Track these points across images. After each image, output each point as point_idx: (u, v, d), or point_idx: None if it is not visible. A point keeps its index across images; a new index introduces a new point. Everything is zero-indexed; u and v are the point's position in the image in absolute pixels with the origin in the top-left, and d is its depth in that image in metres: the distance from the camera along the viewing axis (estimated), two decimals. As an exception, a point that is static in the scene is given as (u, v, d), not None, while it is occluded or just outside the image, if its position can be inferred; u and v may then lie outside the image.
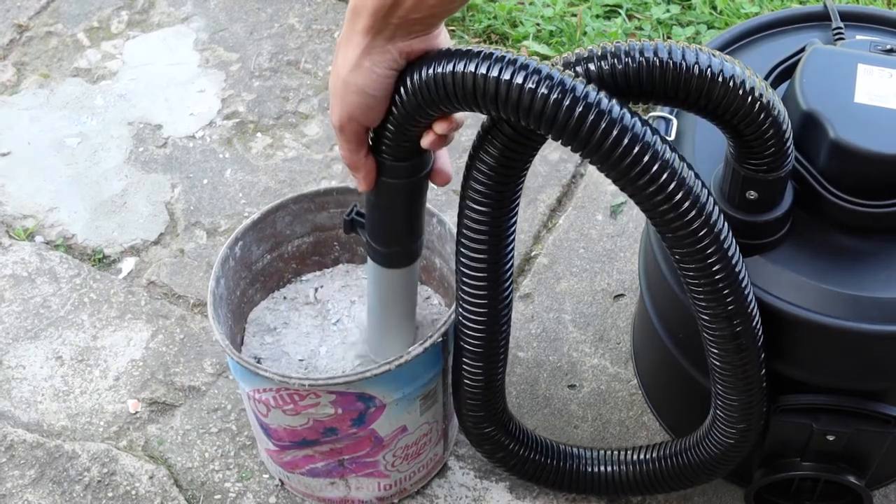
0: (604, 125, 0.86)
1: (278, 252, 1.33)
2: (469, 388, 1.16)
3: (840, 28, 1.15)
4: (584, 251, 1.59)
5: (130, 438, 1.42)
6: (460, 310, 1.09)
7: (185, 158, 1.72)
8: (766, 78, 1.09)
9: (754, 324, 1.01)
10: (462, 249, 1.05)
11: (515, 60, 0.86)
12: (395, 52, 0.90)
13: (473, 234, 1.03)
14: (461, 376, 1.15)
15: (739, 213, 1.01)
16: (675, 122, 1.12)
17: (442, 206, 1.62)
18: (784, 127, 0.92)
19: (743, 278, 0.98)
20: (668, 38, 1.84)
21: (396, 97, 0.93)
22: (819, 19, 1.18)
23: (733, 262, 0.96)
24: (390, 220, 1.08)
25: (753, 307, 1.00)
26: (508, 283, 1.07)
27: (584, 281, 1.55)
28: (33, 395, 1.46)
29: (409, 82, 0.91)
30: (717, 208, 0.94)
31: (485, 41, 1.85)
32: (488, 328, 1.10)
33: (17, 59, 1.87)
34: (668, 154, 0.89)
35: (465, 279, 1.06)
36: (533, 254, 1.59)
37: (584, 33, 1.83)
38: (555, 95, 0.85)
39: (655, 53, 0.87)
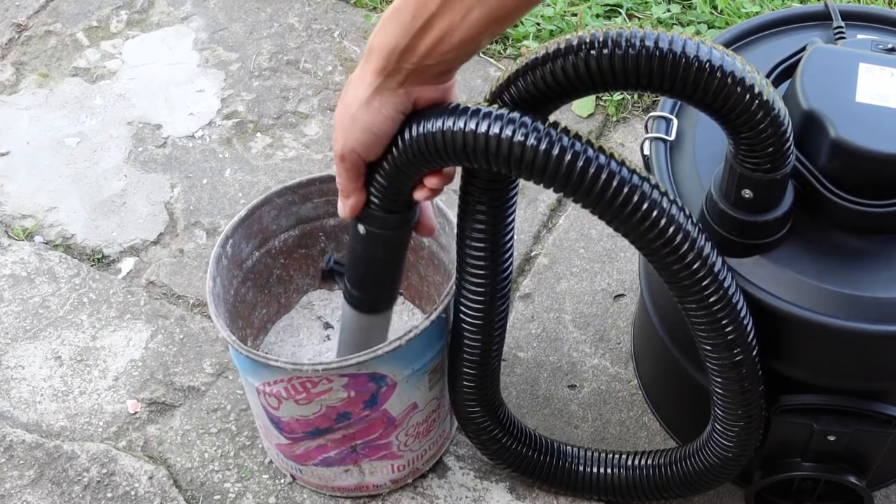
0: (592, 170, 0.91)
1: (266, 248, 1.33)
2: (465, 362, 1.17)
3: (841, 27, 1.14)
4: (584, 251, 1.58)
5: (130, 439, 1.41)
6: (460, 281, 1.11)
7: (185, 158, 1.72)
8: (767, 77, 1.09)
9: (754, 353, 1.04)
10: (462, 224, 1.07)
11: (501, 115, 0.90)
12: (404, 97, 0.92)
13: (473, 208, 1.05)
14: (460, 349, 1.16)
15: (740, 213, 1.01)
16: (675, 121, 1.12)
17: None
18: (783, 126, 0.92)
19: (741, 308, 1.00)
20: (669, 37, 1.84)
21: (388, 155, 0.96)
22: (820, 19, 1.18)
23: (730, 293, 0.99)
24: (372, 269, 1.11)
25: (752, 337, 1.03)
26: (508, 255, 1.09)
27: (584, 281, 1.55)
28: (32, 396, 1.46)
29: (400, 140, 0.95)
30: (709, 243, 0.97)
31: (485, 41, 1.85)
32: (487, 300, 1.11)
33: (16, 58, 1.87)
34: (655, 194, 0.93)
35: (464, 252, 1.08)
36: (533, 254, 1.59)
37: (585, 33, 1.83)
38: (543, 146, 0.90)
39: (656, 42, 0.87)
